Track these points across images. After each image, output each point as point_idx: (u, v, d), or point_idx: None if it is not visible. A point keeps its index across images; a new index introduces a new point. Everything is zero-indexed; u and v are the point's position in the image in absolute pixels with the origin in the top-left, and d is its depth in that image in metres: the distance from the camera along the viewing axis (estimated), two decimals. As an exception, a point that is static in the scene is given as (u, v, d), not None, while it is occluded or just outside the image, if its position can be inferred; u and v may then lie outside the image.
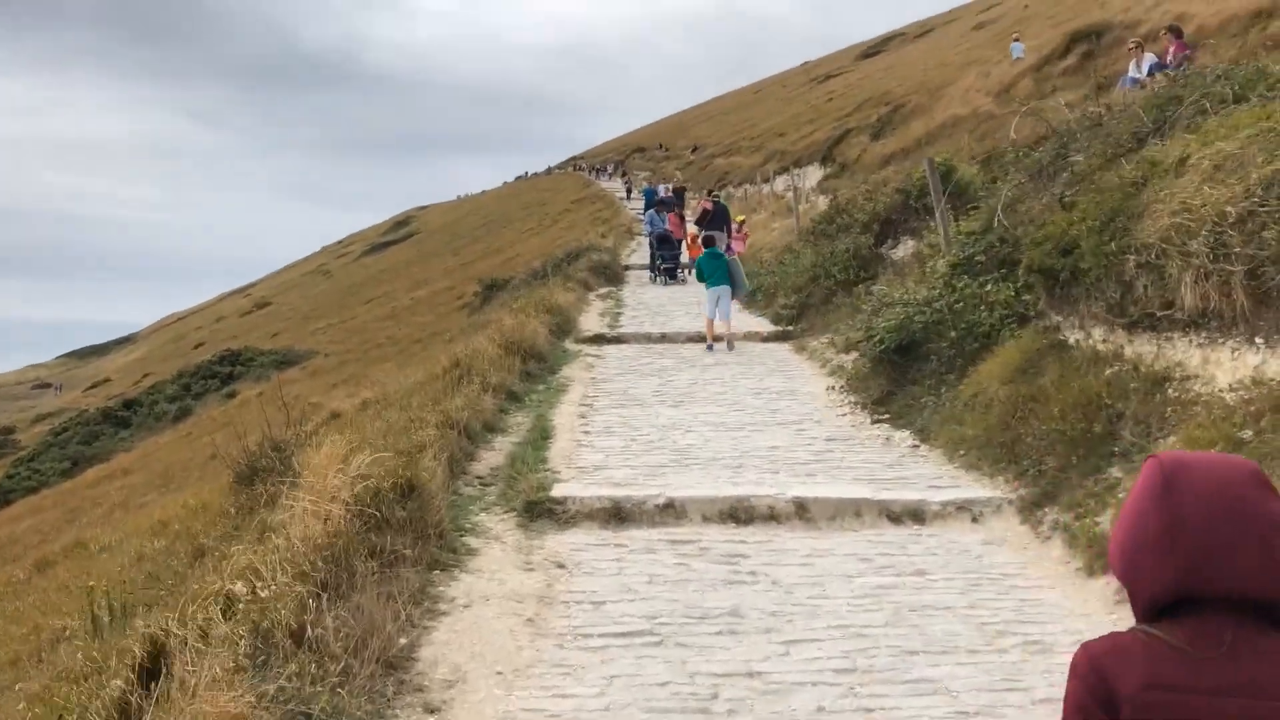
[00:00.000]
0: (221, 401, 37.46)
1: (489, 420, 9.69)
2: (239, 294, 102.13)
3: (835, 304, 15.09)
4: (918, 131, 25.21)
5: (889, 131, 31.71)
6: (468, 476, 8.15)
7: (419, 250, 77.17)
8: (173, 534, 12.75)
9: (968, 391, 8.83)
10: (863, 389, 10.38)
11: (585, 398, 11.08)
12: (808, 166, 35.56)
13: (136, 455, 32.84)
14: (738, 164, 48.95)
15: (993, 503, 7.11)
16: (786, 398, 10.96)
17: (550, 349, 13.75)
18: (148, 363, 79.47)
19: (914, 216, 15.40)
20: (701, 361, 13.51)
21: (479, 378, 10.99)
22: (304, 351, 44.13)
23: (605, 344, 15.02)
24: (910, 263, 14.69)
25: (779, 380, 12.01)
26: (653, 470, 8.00)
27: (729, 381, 11.97)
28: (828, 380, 11.73)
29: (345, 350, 39.23)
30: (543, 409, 10.48)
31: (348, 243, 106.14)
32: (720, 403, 10.74)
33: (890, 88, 46.81)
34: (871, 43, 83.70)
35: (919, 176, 15.55)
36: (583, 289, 19.96)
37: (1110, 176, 8.15)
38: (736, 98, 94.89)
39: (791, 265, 17.64)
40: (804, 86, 73.86)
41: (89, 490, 27.66)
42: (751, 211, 33.87)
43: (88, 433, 40.92)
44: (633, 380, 12.16)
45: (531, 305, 16.46)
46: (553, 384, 11.91)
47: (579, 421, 9.89)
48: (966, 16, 74.06)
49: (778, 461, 8.28)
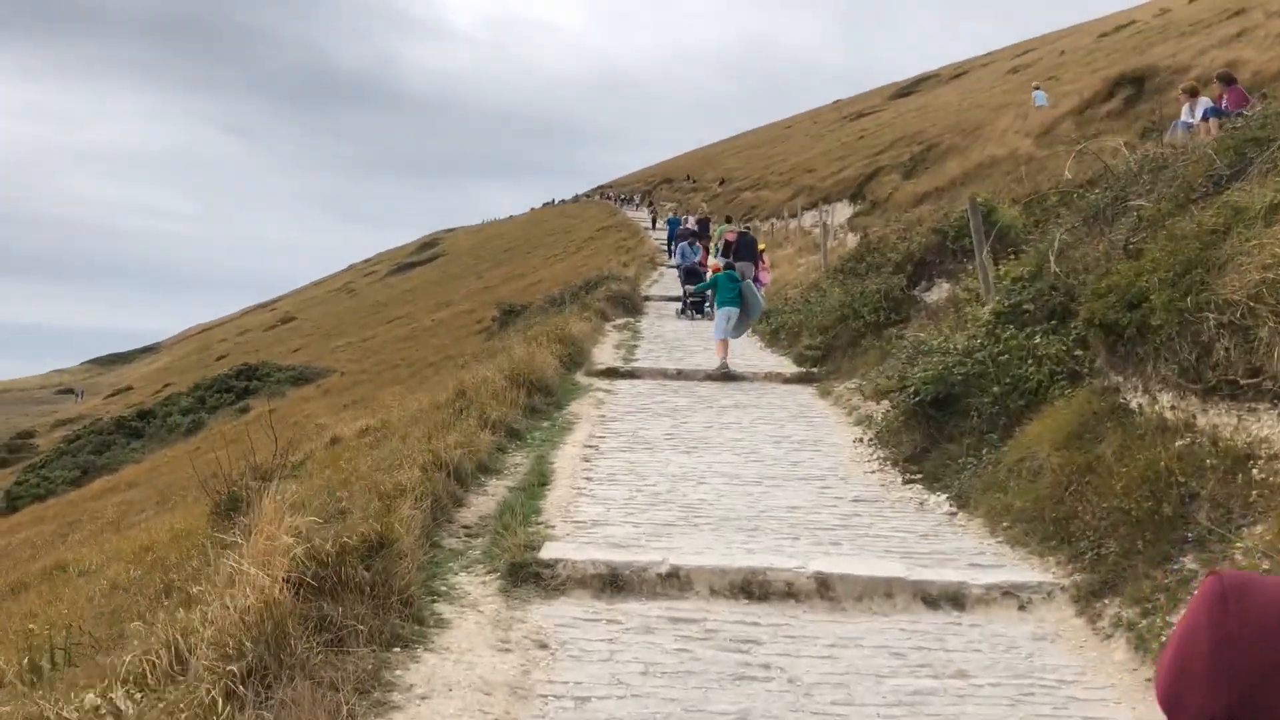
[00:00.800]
0: (234, 416, 36.76)
1: (484, 460, 8.82)
2: (264, 308, 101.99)
3: (863, 347, 14.17)
4: (953, 171, 24.32)
5: (922, 170, 30.85)
6: (453, 526, 7.27)
7: (443, 272, 76.72)
8: (150, 563, 11.94)
9: (1012, 455, 7.89)
10: (894, 443, 9.45)
11: (591, 438, 10.19)
12: (837, 203, 34.71)
13: (144, 468, 32.14)
14: (765, 198, 48.16)
15: (1043, 588, 6.15)
16: (809, 449, 10.04)
17: (559, 382, 12.88)
18: (169, 373, 79.19)
19: (950, 258, 14.50)
20: (718, 402, 12.60)
21: (478, 412, 10.14)
22: (321, 369, 43.48)
23: (618, 378, 14.14)
24: (945, 307, 13.76)
25: (801, 428, 11.08)
26: (657, 530, 7.09)
27: (747, 427, 11.06)
28: (854, 430, 10.80)
29: (361, 370, 38.52)
30: (544, 449, 9.60)
31: (374, 261, 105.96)
32: (737, 450, 9.82)
33: (923, 127, 46.01)
34: (904, 83, 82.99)
35: (957, 216, 14.66)
36: (599, 319, 19.12)
37: (1184, 223, 7.24)
38: (766, 132, 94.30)
39: (818, 304, 16.75)
40: (835, 123, 73.16)
41: (91, 502, 26.94)
42: (777, 246, 33.03)
43: (100, 442, 40.31)
44: (644, 420, 11.26)
45: (544, 334, 15.62)
46: (558, 421, 11.03)
47: (581, 466, 8.99)
48: (1001, 60, 73.32)
49: (798, 525, 7.35)
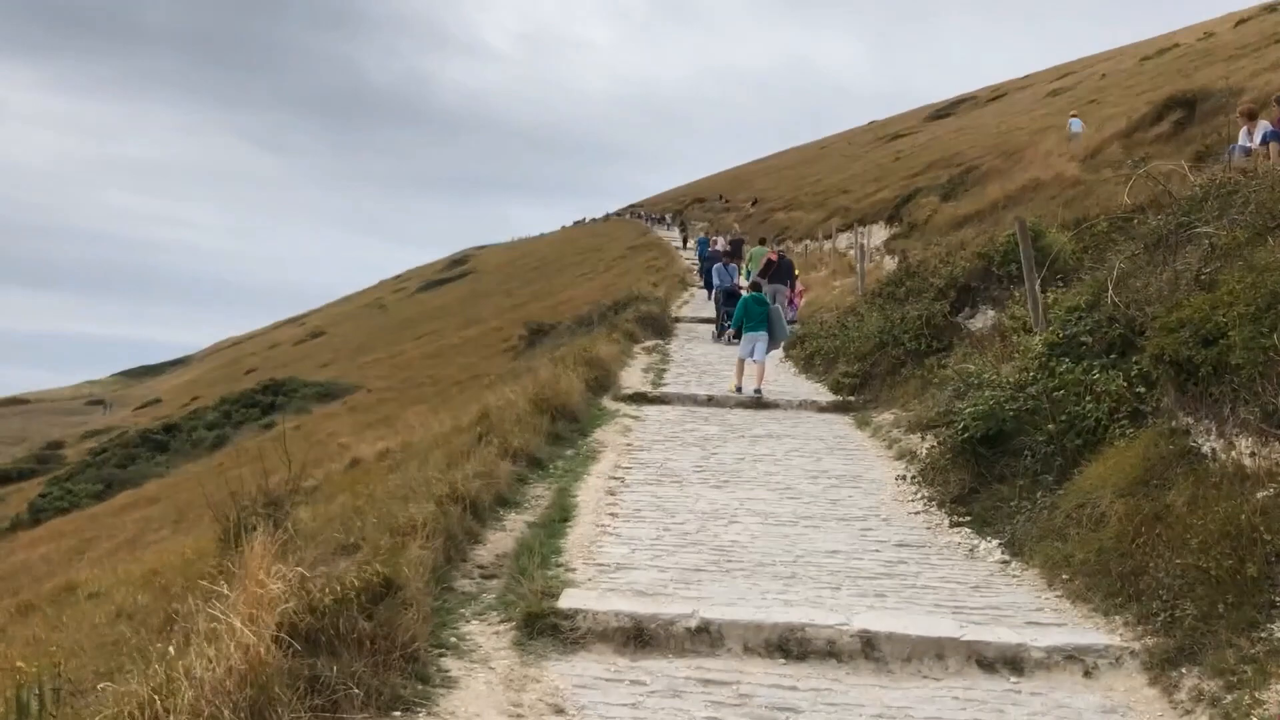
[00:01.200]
0: (258, 432, 36.54)
1: (503, 492, 8.34)
2: (294, 322, 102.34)
3: (903, 375, 13.61)
4: (994, 194, 23.70)
5: (961, 193, 30.23)
6: (467, 566, 6.79)
7: (473, 289, 76.62)
8: (157, 588, 11.56)
9: (1070, 499, 7.31)
10: (939, 482, 8.88)
11: (617, 469, 9.69)
12: (872, 225, 34.13)
13: (167, 483, 31.94)
14: (798, 219, 47.63)
15: (1111, 652, 5.59)
16: (848, 485, 9.48)
17: (585, 407, 12.40)
18: (198, 385, 79.51)
19: (996, 284, 13.91)
20: (751, 431, 12.07)
21: (499, 439, 9.68)
22: (348, 385, 43.27)
23: (646, 404, 13.64)
24: (990, 336, 13.19)
25: (839, 461, 10.53)
26: (686, 575, 6.57)
27: (781, 459, 10.52)
28: (896, 465, 10.24)
29: (387, 387, 38.25)
30: (567, 481, 9.11)
31: (405, 278, 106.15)
32: (771, 486, 9.29)
33: (961, 149, 45.39)
34: (941, 104, 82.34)
35: (1003, 240, 14.09)
36: (628, 340, 18.63)
37: (1264, 254, 6.67)
38: (800, 153, 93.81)
39: (855, 329, 16.19)
40: (870, 145, 72.59)
41: (112, 518, 26.72)
42: (811, 269, 32.48)
43: (125, 455, 40.22)
44: (672, 450, 10.75)
45: (570, 356, 15.16)
46: (582, 449, 10.53)
47: (606, 500, 8.49)
48: (1040, 82, 72.56)
49: (839, 573, 6.81)
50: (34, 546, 25.13)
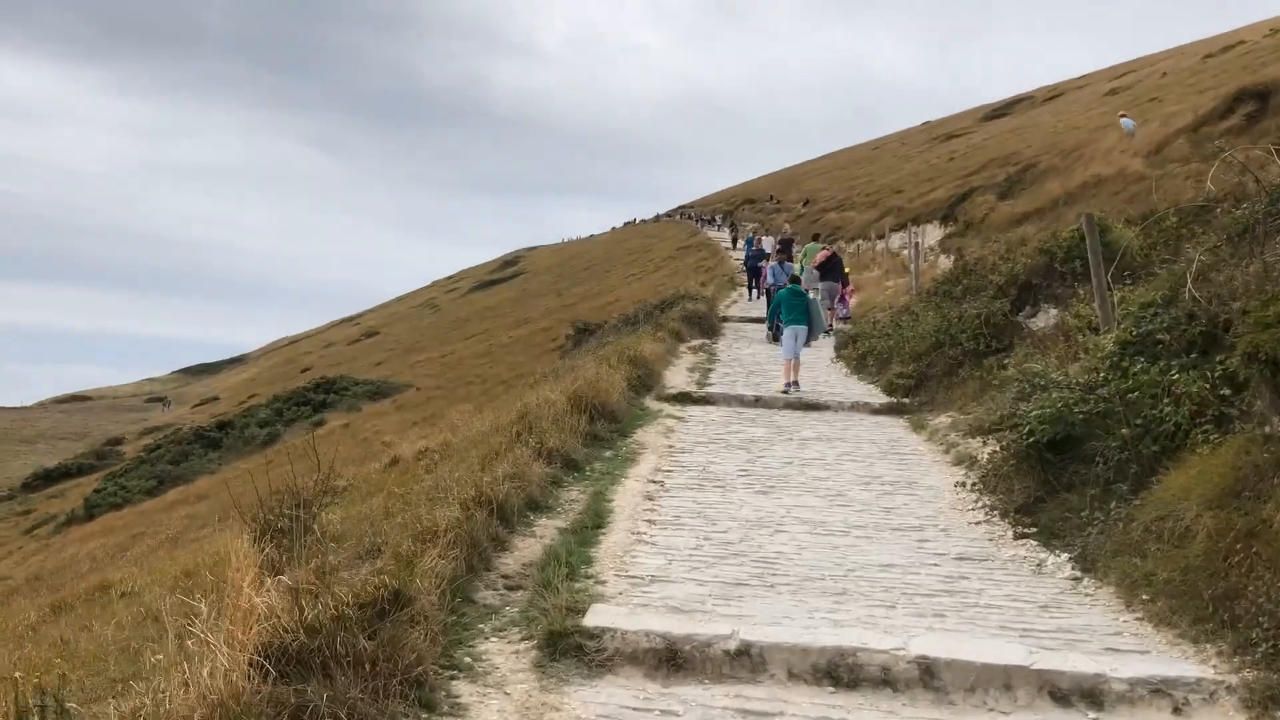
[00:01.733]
0: (308, 430, 36.49)
1: (534, 496, 7.82)
2: (349, 322, 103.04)
3: (961, 376, 12.92)
4: (1054, 191, 22.81)
5: (1018, 191, 29.29)
6: (491, 575, 6.27)
7: (523, 289, 76.50)
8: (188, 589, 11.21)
9: (1149, 511, 6.63)
10: (1002, 490, 8.21)
11: (657, 472, 9.13)
12: (926, 224, 33.24)
13: (216, 480, 31.91)
14: (850, 219, 46.73)
15: (1203, 686, 4.93)
16: (903, 491, 8.84)
17: (626, 406, 11.86)
18: (255, 384, 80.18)
19: (1059, 282, 13.17)
20: (799, 434, 11.46)
21: (534, 440, 9.17)
22: (398, 384, 43.15)
23: (690, 404, 13.07)
24: (1053, 335, 12.47)
25: (893, 466, 9.89)
26: (727, 590, 6.00)
27: (832, 463, 9.90)
28: (954, 471, 9.57)
29: (436, 386, 38.03)
30: (603, 484, 8.57)
31: (457, 278, 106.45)
32: (820, 492, 8.68)
33: (1018, 149, 44.21)
34: (996, 105, 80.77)
35: (1066, 235, 13.34)
36: (674, 339, 18.07)
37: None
38: (852, 153, 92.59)
39: (909, 328, 15.49)
40: (924, 145, 71.33)
41: (161, 514, 26.67)
42: (864, 268, 31.70)
43: (179, 451, 40.41)
44: (716, 453, 10.18)
45: (614, 355, 14.64)
46: (622, 451, 9.99)
47: (644, 505, 7.94)
48: (1098, 82, 70.87)
49: (894, 589, 6.19)
50: (85, 541, 25.13)
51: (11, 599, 17.82)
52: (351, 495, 13.47)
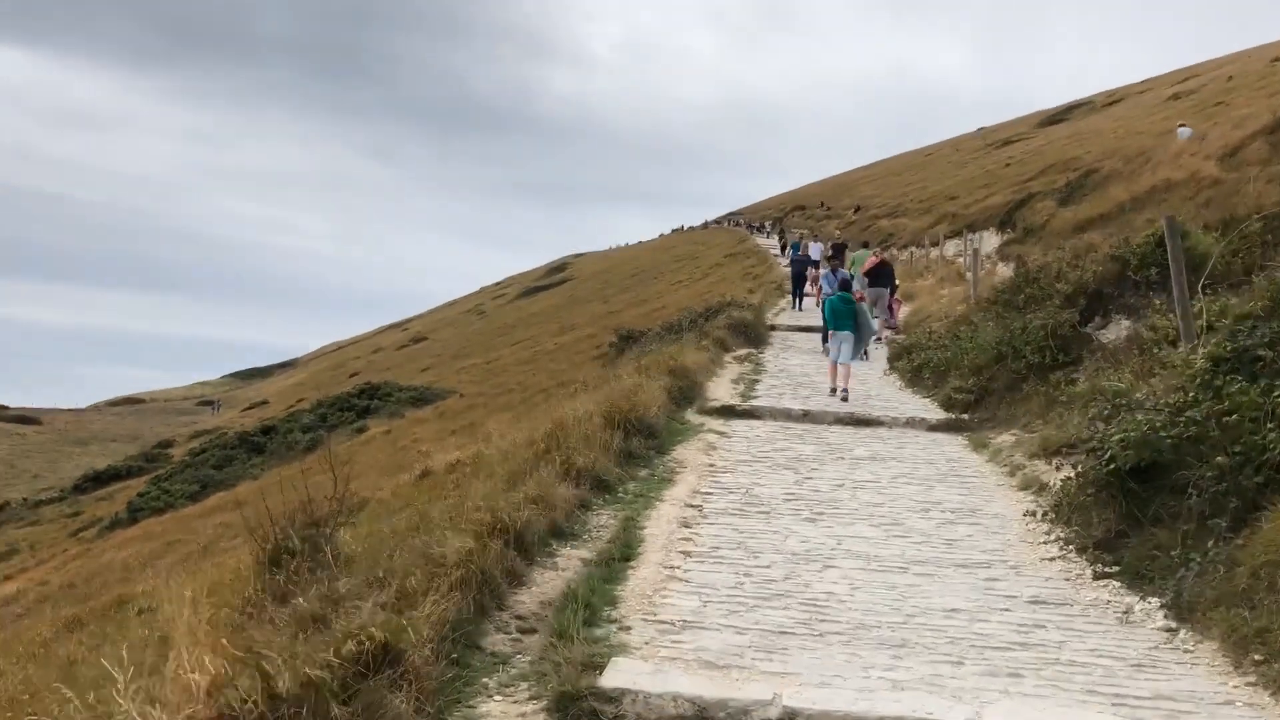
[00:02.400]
0: (350, 436, 36.17)
1: (558, 522, 7.12)
2: (397, 327, 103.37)
3: (1025, 392, 12.03)
4: (1119, 196, 21.77)
5: (1079, 197, 28.21)
6: (503, 617, 5.57)
7: (570, 296, 76.08)
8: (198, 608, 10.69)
9: (1256, 553, 5.77)
10: (1079, 521, 7.36)
11: (695, 495, 8.39)
12: (983, 231, 32.22)
13: (257, 486, 31.64)
14: (903, 225, 45.69)
15: (1341, 775, 4.10)
16: (966, 520, 8.02)
17: (665, 421, 11.13)
18: (304, 388, 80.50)
19: (1131, 291, 12.27)
20: (851, 452, 10.66)
21: (561, 458, 8.47)
22: (441, 390, 42.78)
23: (734, 418, 12.32)
24: (1125, 348, 11.56)
25: (954, 491, 9.05)
26: (769, 640, 5.24)
27: (886, 487, 9.09)
28: (1021, 498, 8.73)
29: (478, 393, 37.55)
30: (636, 508, 7.84)
31: (505, 284, 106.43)
32: (875, 520, 7.88)
33: (1077, 155, 42.93)
34: (1053, 110, 79.08)
35: (1140, 241, 12.42)
36: (718, 349, 17.31)
37: None
38: (904, 160, 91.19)
39: (968, 340, 14.60)
40: (979, 151, 69.92)
41: (198, 520, 26.38)
42: (917, 276, 30.74)
43: (223, 456, 40.31)
44: (760, 473, 9.41)
45: (653, 366, 13.92)
46: (658, 470, 9.26)
47: (679, 534, 7.19)
48: (1160, 87, 69.11)
49: (961, 641, 5.40)
50: (123, 547, 24.88)
51: (40, 607, 17.48)
52: (378, 510, 12.90)
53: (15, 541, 41.37)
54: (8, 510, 53.77)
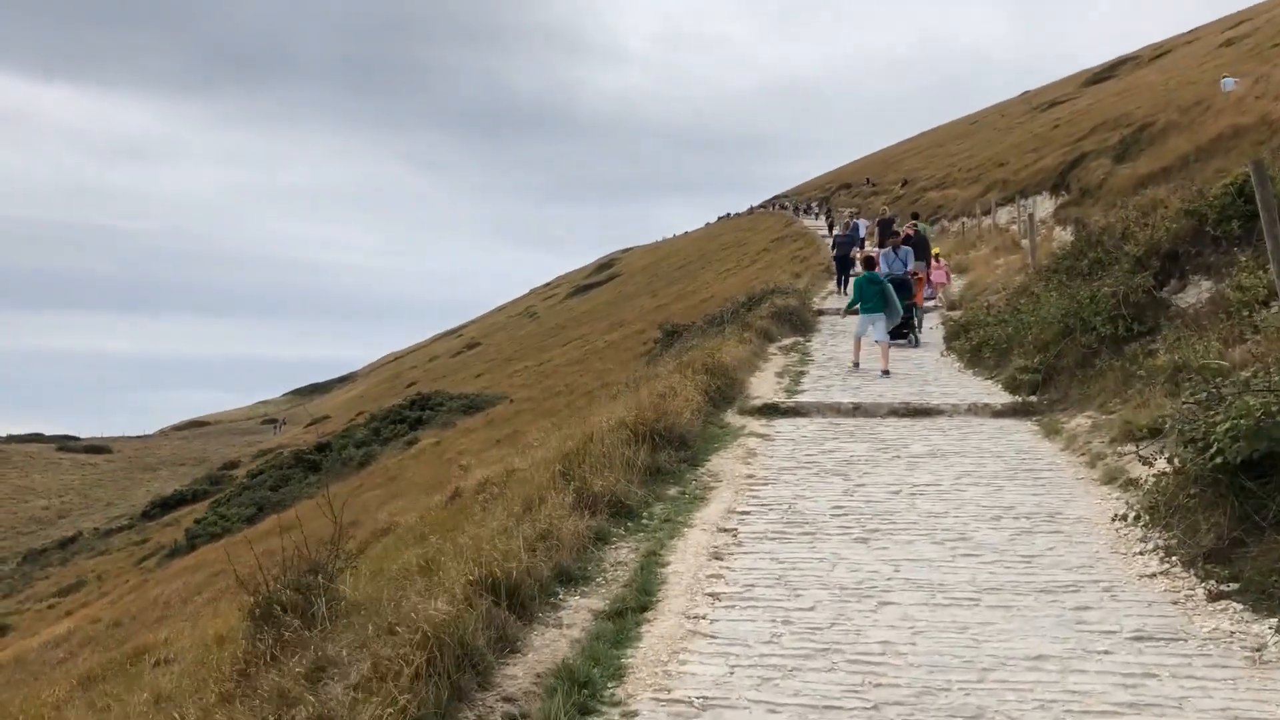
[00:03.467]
0: (400, 449, 35.56)
1: (565, 566, 6.08)
2: (451, 335, 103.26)
3: (1097, 368, 10.75)
4: (1181, 148, 20.20)
5: (1136, 153, 26.54)
6: (488, 698, 4.55)
7: (619, 292, 75.13)
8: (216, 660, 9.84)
9: None
10: (1181, 525, 6.15)
11: (729, 515, 7.30)
12: (1035, 196, 30.62)
13: (308, 507, 31.09)
14: (952, 196, 44.00)
15: None
16: (1045, 528, 6.84)
17: (700, 427, 10.05)
18: (363, 401, 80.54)
19: (1211, 248, 10.92)
20: (908, 449, 9.49)
21: (576, 482, 7.45)
22: (491, 396, 42.03)
23: (778, 417, 11.20)
24: (1209, 313, 10.25)
25: (1027, 490, 7.86)
26: (808, 718, 4.15)
27: (949, 490, 7.92)
28: (1106, 494, 7.52)
29: (527, 398, 36.70)
30: (660, 537, 6.78)
31: (554, 285, 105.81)
32: (937, 536, 6.73)
33: (1128, 110, 40.92)
34: (1098, 69, 76.31)
35: (1218, 193, 11.06)
36: (762, 340, 16.16)
37: None
38: (948, 130, 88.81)
39: (1030, 312, 13.30)
40: (1024, 115, 67.65)
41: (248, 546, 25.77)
42: (970, 247, 29.27)
43: (279, 476, 39.94)
44: (805, 482, 8.29)
45: (690, 364, 12.83)
46: (690, 487, 8.19)
47: (707, 569, 6.12)
48: (1208, 35, 66.23)
49: (1053, 704, 4.26)
50: (174, 579, 24.37)
51: (82, 651, 16.87)
52: (405, 537, 12.00)
53: (85, 573, 41.45)
54: (80, 541, 54.23)
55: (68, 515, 66.98)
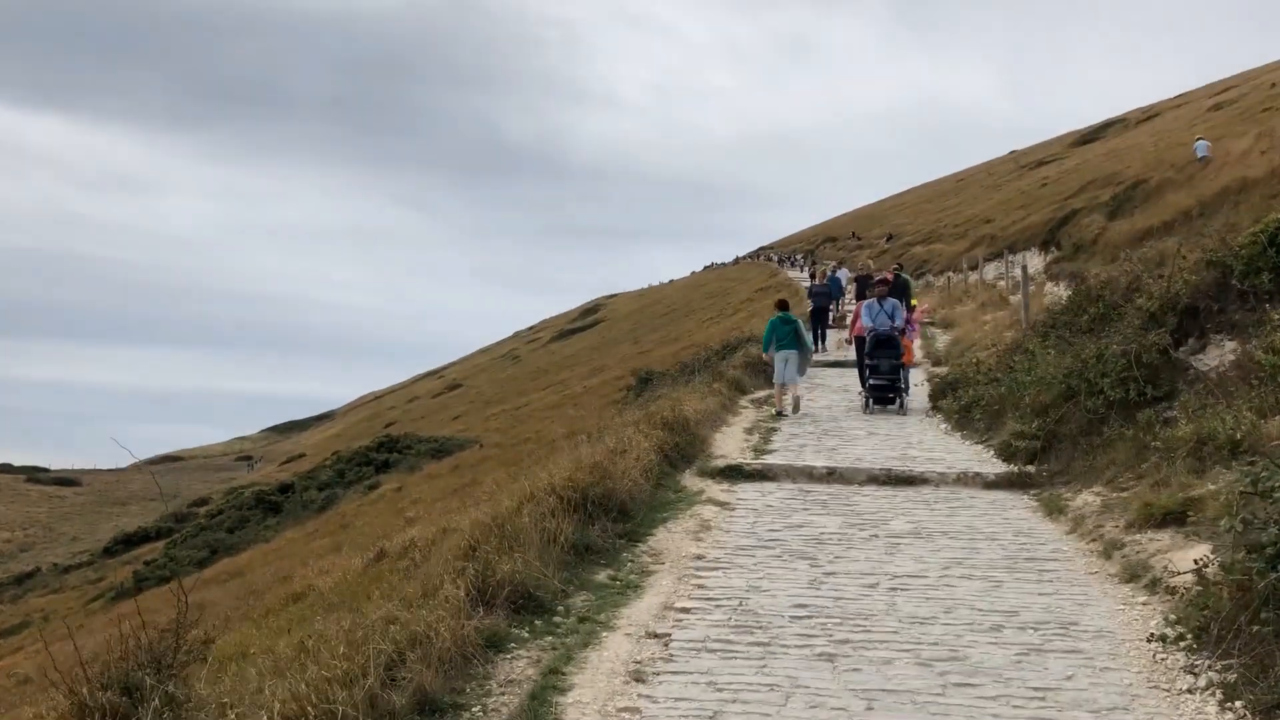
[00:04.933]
0: (362, 494, 33.83)
1: (430, 691, 4.55)
2: (433, 375, 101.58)
3: (1106, 436, 9.30)
4: (1182, 202, 18.98)
5: (1129, 210, 25.39)
6: None
7: (603, 337, 73.77)
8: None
9: None
10: (1247, 656, 4.65)
11: (665, 613, 5.79)
12: (1024, 252, 29.42)
13: (261, 552, 29.35)
14: (938, 251, 42.93)
15: None
16: (1058, 645, 5.33)
17: (650, 492, 8.57)
18: (340, 440, 78.60)
19: (1236, 303, 9.54)
20: (887, 526, 8.01)
21: (476, 566, 5.94)
22: (461, 441, 40.39)
23: (742, 480, 9.72)
24: (1235, 377, 8.85)
25: (1032, 588, 6.36)
26: None
27: (937, 584, 6.42)
28: (1129, 596, 6.04)
29: (496, 443, 35.11)
30: (572, 644, 5.26)
31: (538, 328, 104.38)
32: (923, 654, 5.21)
33: (1117, 169, 40.05)
34: (1087, 130, 75.94)
35: (1246, 242, 9.68)
36: (733, 391, 14.71)
37: None
38: (936, 186, 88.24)
39: (1025, 371, 11.88)
40: (1012, 174, 66.99)
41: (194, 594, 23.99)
42: (956, 302, 27.99)
43: (238, 518, 38.11)
44: (764, 568, 6.78)
45: (649, 418, 11.36)
46: (624, 570, 6.68)
47: (620, 697, 4.59)
48: (1196, 100, 65.88)
49: None
50: (104, 629, 22.49)
51: (-24, 713, 15.06)
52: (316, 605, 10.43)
53: (31, 613, 39.40)
54: (37, 577, 52.05)
55: (30, 549, 64.71)
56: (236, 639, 9.96)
